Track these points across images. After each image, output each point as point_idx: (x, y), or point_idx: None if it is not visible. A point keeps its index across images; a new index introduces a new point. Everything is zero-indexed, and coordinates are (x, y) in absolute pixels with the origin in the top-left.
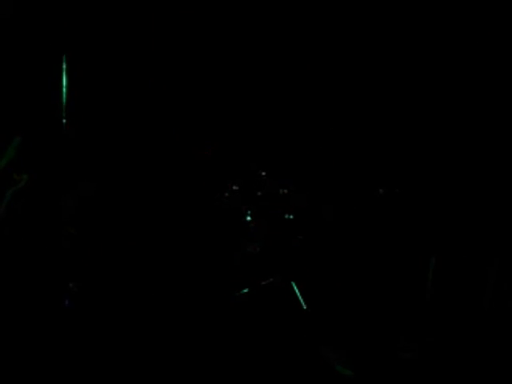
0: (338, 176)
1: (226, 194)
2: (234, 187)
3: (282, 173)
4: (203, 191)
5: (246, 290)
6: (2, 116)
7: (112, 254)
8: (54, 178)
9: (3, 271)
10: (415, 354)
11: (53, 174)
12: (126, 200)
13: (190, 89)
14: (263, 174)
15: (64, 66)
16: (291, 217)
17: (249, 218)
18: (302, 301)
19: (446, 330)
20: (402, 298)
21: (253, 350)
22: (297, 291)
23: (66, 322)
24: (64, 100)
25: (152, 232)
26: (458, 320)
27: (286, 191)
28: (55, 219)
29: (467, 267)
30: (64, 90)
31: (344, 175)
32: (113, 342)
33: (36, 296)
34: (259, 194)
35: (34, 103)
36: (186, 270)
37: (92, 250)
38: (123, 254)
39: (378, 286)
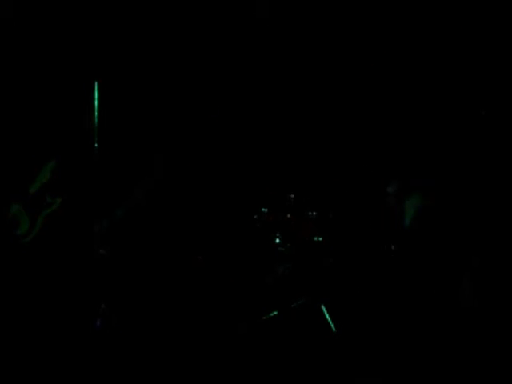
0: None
1: (255, 217)
2: (263, 209)
3: (312, 195)
4: (233, 214)
5: (275, 313)
6: (36, 140)
7: (143, 276)
8: (86, 202)
9: (36, 292)
10: None
11: (86, 198)
12: (159, 222)
13: (219, 116)
14: (292, 196)
15: (96, 91)
16: (320, 239)
17: (278, 241)
18: (331, 324)
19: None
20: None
21: (281, 373)
22: (326, 314)
23: (97, 342)
24: (96, 124)
25: (183, 254)
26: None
27: (314, 213)
28: (88, 241)
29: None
30: (96, 113)
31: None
32: (142, 362)
33: (68, 316)
34: (288, 216)
35: (67, 127)
36: (217, 293)
37: (123, 272)
38: (154, 275)
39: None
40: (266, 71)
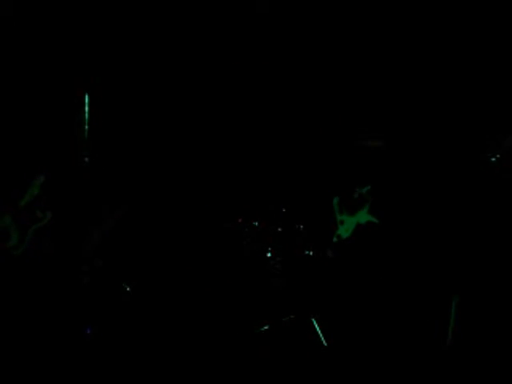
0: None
1: (247, 230)
2: (255, 223)
3: (302, 209)
4: (225, 227)
5: (266, 327)
6: (25, 154)
7: (137, 285)
8: (76, 215)
9: (25, 302)
10: None
11: (75, 211)
12: (151, 233)
13: (216, 125)
14: (283, 210)
15: (86, 105)
16: (311, 253)
17: (269, 255)
18: (322, 338)
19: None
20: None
21: None
22: (317, 328)
23: (88, 350)
24: (86, 138)
25: (175, 265)
26: None
27: (303, 227)
28: (77, 254)
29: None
30: (86, 127)
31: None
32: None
33: (59, 323)
34: (279, 229)
35: (57, 142)
36: (211, 306)
37: (115, 282)
38: (147, 286)
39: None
40: (266, 70)
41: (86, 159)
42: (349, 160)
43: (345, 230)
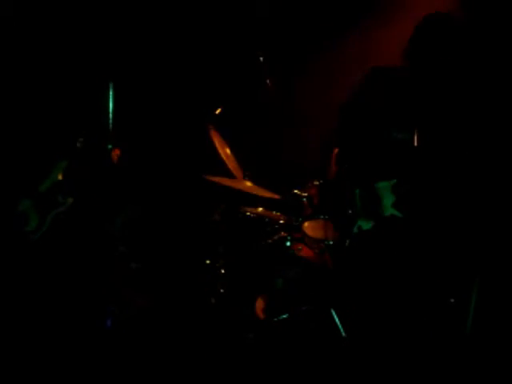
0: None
1: (266, 220)
2: (275, 212)
3: (323, 198)
4: (243, 217)
5: (284, 316)
6: (50, 139)
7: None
8: (98, 201)
9: (41, 288)
10: None
11: (98, 197)
12: (172, 221)
13: (235, 118)
14: (304, 199)
15: (111, 91)
16: (331, 243)
17: (288, 244)
18: (341, 329)
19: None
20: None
21: (290, 376)
22: (336, 319)
23: (105, 339)
24: (110, 124)
25: (194, 253)
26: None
27: (326, 217)
28: (97, 241)
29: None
30: (111, 114)
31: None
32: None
33: (80, 315)
34: (300, 219)
35: (80, 127)
36: (228, 294)
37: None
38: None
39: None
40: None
41: (110, 146)
42: (375, 151)
43: (366, 222)
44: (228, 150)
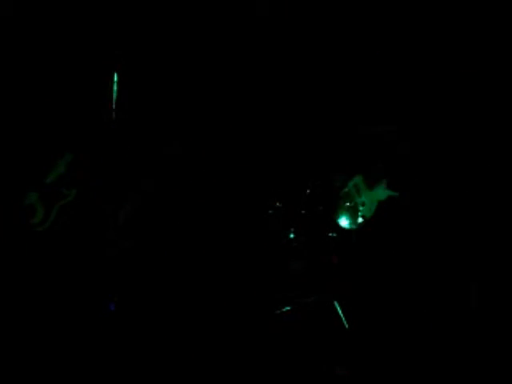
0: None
1: (270, 212)
2: (278, 204)
3: (326, 190)
4: (248, 209)
5: (288, 308)
6: (54, 132)
7: (161, 265)
8: (102, 194)
9: (46, 279)
10: None
11: (101, 190)
12: (178, 212)
13: (240, 106)
14: (307, 191)
15: (115, 84)
16: (334, 235)
17: (292, 236)
18: (344, 321)
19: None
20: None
21: (293, 368)
22: (339, 310)
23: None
24: (114, 116)
25: (197, 245)
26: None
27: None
28: (101, 233)
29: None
30: (114, 106)
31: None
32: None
33: (83, 300)
34: (303, 211)
35: (84, 119)
36: (232, 287)
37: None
38: (171, 266)
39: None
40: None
41: (113, 138)
42: (358, 144)
43: (368, 210)
44: None
